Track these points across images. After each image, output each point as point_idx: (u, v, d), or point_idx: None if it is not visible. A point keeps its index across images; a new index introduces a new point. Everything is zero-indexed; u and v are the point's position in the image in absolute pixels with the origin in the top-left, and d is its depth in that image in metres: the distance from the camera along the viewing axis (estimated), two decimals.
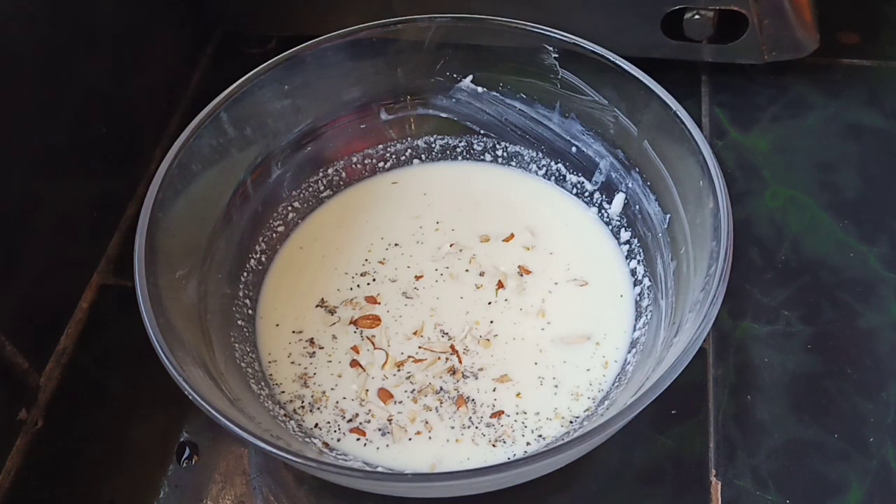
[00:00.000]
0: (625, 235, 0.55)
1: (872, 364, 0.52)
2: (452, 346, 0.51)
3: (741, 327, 0.54)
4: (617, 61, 0.51)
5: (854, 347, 0.53)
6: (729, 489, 0.48)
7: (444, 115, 0.59)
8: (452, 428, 0.48)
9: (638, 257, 0.54)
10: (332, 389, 0.50)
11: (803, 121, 0.64)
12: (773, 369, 0.52)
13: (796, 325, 0.54)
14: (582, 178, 0.57)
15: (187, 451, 0.51)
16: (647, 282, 0.52)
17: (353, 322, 0.53)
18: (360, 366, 0.51)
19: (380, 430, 0.49)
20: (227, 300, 0.52)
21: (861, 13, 0.70)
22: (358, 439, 0.48)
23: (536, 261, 0.55)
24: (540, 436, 0.48)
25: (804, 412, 0.51)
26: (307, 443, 0.47)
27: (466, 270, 0.55)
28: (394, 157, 0.60)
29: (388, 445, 0.48)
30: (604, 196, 0.56)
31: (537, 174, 0.59)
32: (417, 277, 0.55)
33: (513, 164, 0.59)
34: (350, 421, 0.49)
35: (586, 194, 0.57)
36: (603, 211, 0.56)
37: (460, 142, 0.59)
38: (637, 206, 0.54)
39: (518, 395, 0.49)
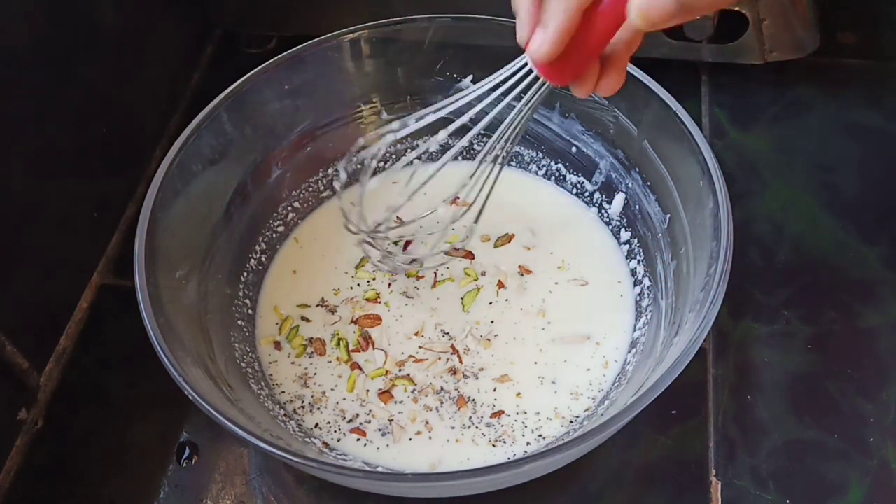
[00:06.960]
0: (625, 235, 0.55)
1: (872, 364, 0.52)
2: (453, 346, 0.51)
3: (741, 327, 0.54)
4: None
5: (854, 347, 0.53)
6: (729, 489, 0.48)
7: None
8: (453, 428, 0.48)
9: (638, 257, 0.54)
10: (332, 390, 0.50)
11: (803, 121, 0.64)
12: (773, 369, 0.52)
13: (796, 325, 0.54)
14: (582, 178, 0.57)
15: (187, 451, 0.51)
16: (647, 282, 0.52)
17: (354, 321, 0.53)
18: (360, 367, 0.51)
19: (380, 430, 0.48)
20: (227, 300, 0.52)
21: (861, 13, 0.70)
22: (358, 439, 0.48)
23: (536, 261, 0.55)
24: (540, 436, 0.48)
25: (804, 412, 0.51)
26: (307, 443, 0.47)
27: (466, 270, 0.55)
28: (394, 157, 0.59)
29: (388, 445, 0.48)
30: (604, 196, 0.56)
31: (537, 174, 0.59)
32: (418, 277, 0.55)
33: (513, 164, 0.59)
34: (350, 421, 0.49)
35: (586, 194, 0.57)
36: (603, 211, 0.56)
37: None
38: (637, 206, 0.54)
39: (518, 394, 0.49)
